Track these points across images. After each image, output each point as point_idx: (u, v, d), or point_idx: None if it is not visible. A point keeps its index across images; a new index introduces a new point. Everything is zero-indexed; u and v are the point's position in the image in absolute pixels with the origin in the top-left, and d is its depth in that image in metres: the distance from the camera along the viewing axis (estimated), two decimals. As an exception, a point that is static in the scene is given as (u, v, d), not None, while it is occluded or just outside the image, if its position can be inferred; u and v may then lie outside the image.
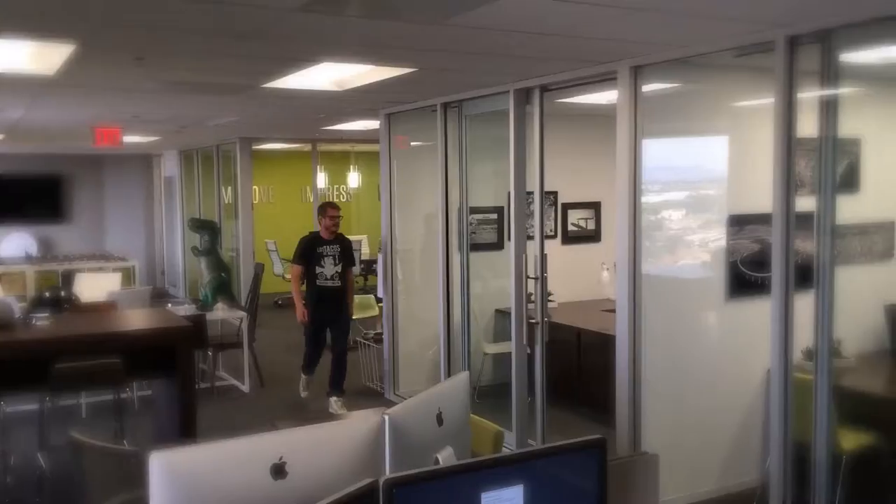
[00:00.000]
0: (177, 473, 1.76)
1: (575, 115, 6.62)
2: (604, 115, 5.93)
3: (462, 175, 5.89)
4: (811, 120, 3.49)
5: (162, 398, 5.02)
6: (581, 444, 1.91)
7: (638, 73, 4.03)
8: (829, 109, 3.44)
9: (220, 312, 7.41)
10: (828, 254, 3.50)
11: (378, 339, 7.16)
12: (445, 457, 2.26)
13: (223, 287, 7.77)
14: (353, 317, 8.71)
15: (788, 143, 3.41)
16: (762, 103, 3.71)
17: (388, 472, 1.98)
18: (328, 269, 6.25)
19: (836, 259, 3.54)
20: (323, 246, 6.29)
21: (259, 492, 1.87)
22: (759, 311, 3.71)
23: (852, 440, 4.11)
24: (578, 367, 6.35)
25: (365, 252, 12.62)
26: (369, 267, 12.13)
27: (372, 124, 7.61)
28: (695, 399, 4.58)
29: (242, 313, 7.35)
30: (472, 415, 2.78)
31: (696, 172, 4.83)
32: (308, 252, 6.30)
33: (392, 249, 6.84)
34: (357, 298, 8.99)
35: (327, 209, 6.36)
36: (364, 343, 7.38)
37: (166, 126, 8.24)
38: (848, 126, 4.86)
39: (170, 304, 7.41)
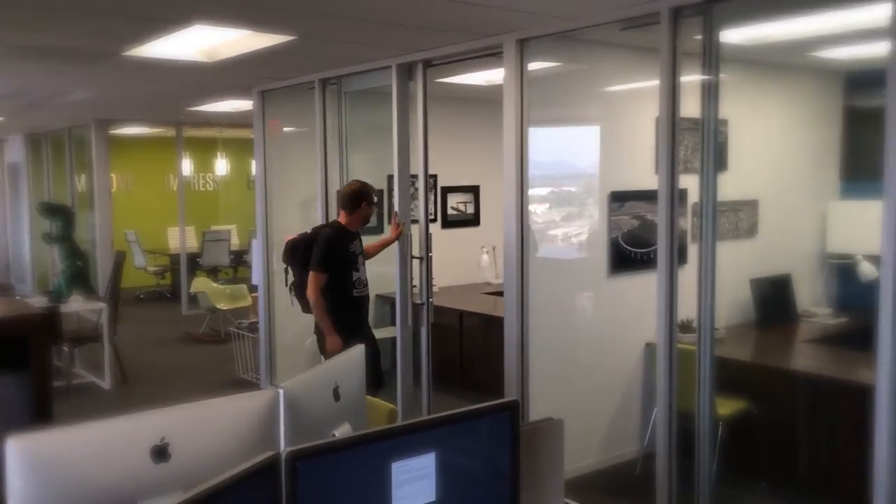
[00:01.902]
0: (40, 460, 1.52)
1: (455, 97, 6.57)
2: (484, 100, 5.93)
3: (342, 156, 5.70)
4: (693, 100, 3.57)
5: (10, 396, 4.54)
6: (494, 408, 1.81)
7: (524, 48, 4.00)
8: (710, 89, 3.53)
9: (77, 304, 6.85)
10: (710, 230, 3.59)
11: (253, 328, 6.85)
12: (343, 433, 2.11)
13: (79, 276, 7.16)
14: (224, 307, 8.35)
15: (673, 122, 3.46)
16: (642, 86, 3.77)
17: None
18: (363, 271, 4.65)
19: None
20: (354, 242, 4.63)
21: (138, 477, 1.66)
22: (639, 286, 3.78)
23: (727, 406, 4.29)
24: (461, 350, 6.32)
25: (234, 243, 12.14)
26: (240, 258, 11.67)
27: (243, 105, 7.26)
28: (578, 375, 4.64)
29: (102, 305, 6.82)
30: (369, 397, 2.64)
31: (579, 153, 4.88)
32: (339, 252, 4.52)
33: (268, 236, 6.54)
34: (228, 289, 8.61)
35: (370, 193, 4.70)
36: (238, 333, 7.04)
37: (11, 103, 7.51)
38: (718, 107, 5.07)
39: (17, 298, 6.77)
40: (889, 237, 2.74)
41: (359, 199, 4.60)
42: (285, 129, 6.66)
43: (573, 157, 4.94)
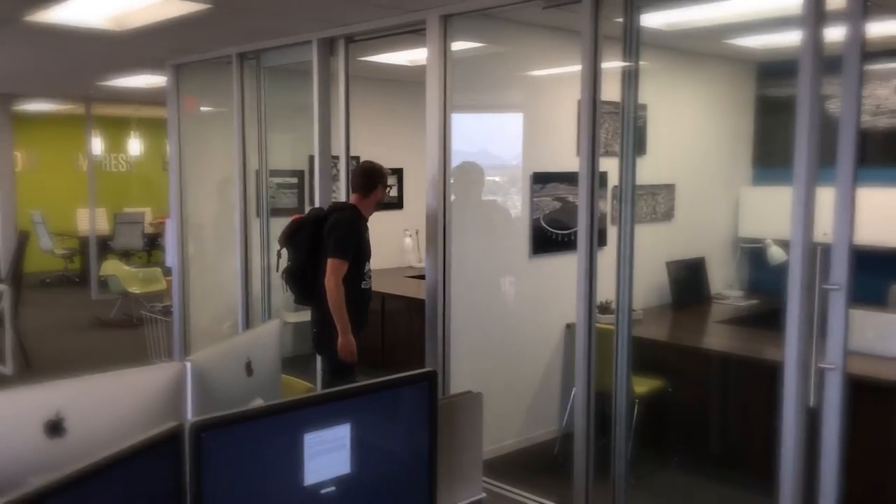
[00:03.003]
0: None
1: (379, 78, 6.48)
2: (408, 81, 5.86)
3: (261, 136, 5.54)
4: (614, 84, 3.60)
5: None
6: (411, 378, 1.77)
7: (448, 25, 3.95)
8: (630, 73, 3.56)
9: (-26, 286, 6.46)
10: (629, 213, 3.64)
11: (167, 312, 6.61)
12: (256, 408, 2.03)
13: (-23, 258, 6.76)
14: (137, 291, 8.05)
15: (594, 105, 3.48)
16: (566, 69, 3.78)
17: (192, 422, 1.71)
18: (370, 263, 4.10)
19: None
20: (366, 231, 4.09)
21: (30, 453, 1.55)
22: (561, 267, 3.80)
23: (644, 385, 4.37)
24: (383, 333, 6.26)
25: (149, 225, 11.71)
26: (154, 241, 11.27)
27: (156, 80, 6.97)
28: (500, 356, 4.64)
29: (2, 286, 6.46)
30: (284, 376, 2.56)
31: (503, 135, 4.87)
32: (359, 239, 4.00)
33: (182, 216, 6.31)
34: (141, 272, 8.30)
35: (385, 176, 4.13)
36: (151, 317, 6.78)
37: None
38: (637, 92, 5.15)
39: None
40: (797, 222, 2.83)
41: (374, 179, 4.03)
42: (202, 107, 6.43)
43: (497, 139, 4.92)
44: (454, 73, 4.03)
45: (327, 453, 1.61)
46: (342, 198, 4.80)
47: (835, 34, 2.75)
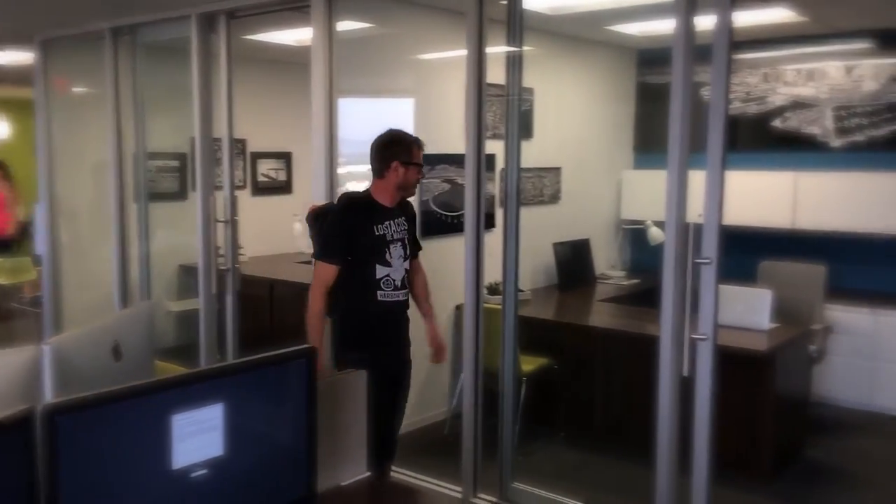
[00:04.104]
0: None
1: (265, 59, 6.30)
2: (296, 62, 5.72)
3: (138, 118, 5.27)
4: (502, 67, 3.63)
5: None
6: (288, 355, 1.72)
7: (333, 2, 3.87)
8: (515, 56, 3.60)
9: None
10: (514, 195, 3.68)
11: (36, 302, 6.23)
12: (125, 394, 1.92)
13: None
14: (4, 282, 7.54)
15: (479, 87, 3.49)
16: (455, 53, 3.77)
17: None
18: (397, 264, 3.17)
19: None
20: (387, 222, 3.16)
21: None
22: (450, 249, 3.81)
23: (531, 364, 4.46)
24: (272, 320, 6.12)
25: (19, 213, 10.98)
26: (24, 230, 10.59)
27: (23, 58, 6.52)
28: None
29: None
30: (157, 361, 2.45)
31: (392, 116, 4.82)
32: (357, 234, 3.11)
33: (53, 200, 5.95)
34: (8, 261, 7.78)
35: (413, 148, 3.21)
36: (20, 309, 6.38)
37: None
38: (525, 77, 5.23)
39: None
40: (671, 203, 2.94)
41: (388, 154, 3.10)
42: (75, 87, 6.07)
43: (386, 120, 4.87)
44: (341, 54, 3.96)
45: (198, 435, 1.54)
46: (225, 181, 4.63)
47: (706, 23, 2.86)
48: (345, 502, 1.96)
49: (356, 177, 4.78)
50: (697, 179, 2.85)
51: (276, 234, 6.80)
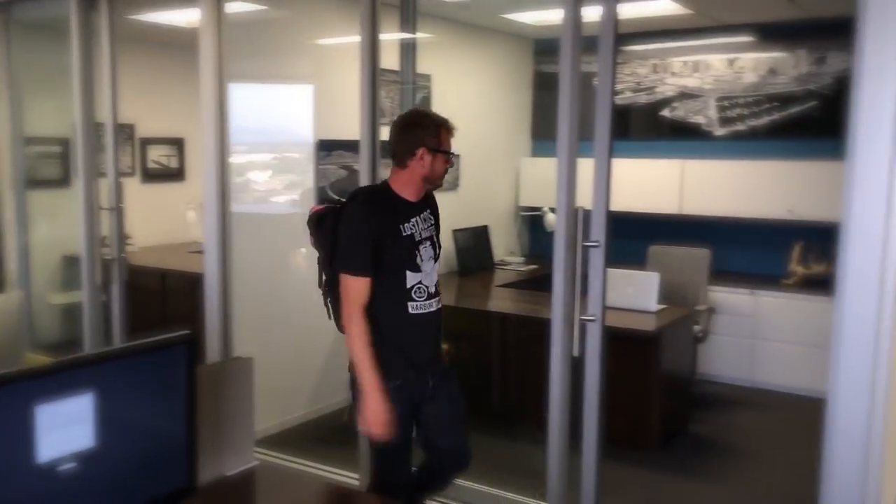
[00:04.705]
0: None
1: (154, 40, 6.05)
2: (187, 45, 5.51)
3: (14, 98, 4.97)
4: (391, 54, 3.61)
5: None
6: (166, 342, 1.66)
7: (220, -17, 3.76)
8: (409, 42, 3.59)
9: None
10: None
11: None
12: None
13: None
14: None
15: (373, 73, 3.47)
16: (351, 39, 3.72)
17: None
18: (428, 268, 2.64)
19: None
20: (413, 217, 2.62)
21: None
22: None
23: (430, 349, 4.48)
24: (164, 312, 5.91)
25: None
26: None
27: None
28: (291, 330, 4.55)
29: None
30: (30, 354, 2.32)
31: (289, 103, 4.73)
32: (383, 235, 2.55)
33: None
34: None
35: (441, 132, 2.64)
36: None
37: None
38: (421, 63, 5.22)
39: None
40: (561, 189, 3.00)
41: (412, 139, 2.57)
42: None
43: (284, 108, 4.78)
44: (233, 37, 3.84)
45: (66, 427, 1.47)
46: (109, 167, 4.41)
47: (595, 14, 2.93)
48: (230, 493, 1.91)
49: (258, 166, 4.67)
50: (589, 166, 2.93)
51: (169, 222, 6.57)
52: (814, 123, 5.46)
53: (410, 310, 2.58)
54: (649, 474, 4.00)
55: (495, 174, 6.29)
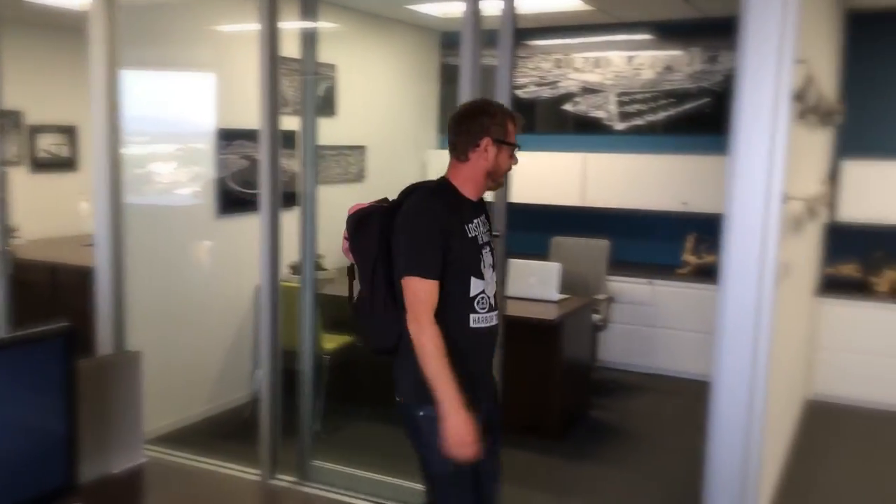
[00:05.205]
0: None
1: (44, 24, 5.75)
2: (80, 29, 5.26)
3: None
4: (294, 43, 3.55)
5: None
6: (40, 335, 1.59)
7: (111, -37, 3.61)
8: (309, 31, 3.54)
9: None
10: (311, 172, 3.63)
11: None
12: None
13: None
14: None
15: (273, 61, 3.41)
16: (249, 28, 3.65)
17: None
18: (489, 276, 2.33)
19: (317, 178, 3.70)
20: (475, 218, 2.34)
21: None
22: (250, 227, 3.69)
23: (334, 342, 4.45)
24: (54, 307, 5.65)
25: None
26: None
27: None
28: (189, 324, 4.43)
29: None
30: None
31: (188, 91, 4.58)
32: (452, 236, 2.23)
33: None
34: None
35: (508, 123, 2.33)
36: None
37: None
38: (326, 53, 5.16)
39: None
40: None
41: (476, 129, 2.28)
42: None
43: (182, 96, 4.62)
44: (128, 22, 3.70)
45: (-72, 427, 1.39)
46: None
47: (496, 7, 2.97)
48: (114, 491, 1.85)
49: (161, 157, 4.51)
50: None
51: (60, 214, 6.27)
52: (707, 119, 5.70)
53: (472, 322, 2.27)
54: (550, 460, 4.09)
55: (402, 166, 6.29)
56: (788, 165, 2.71)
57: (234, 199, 4.60)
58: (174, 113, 4.49)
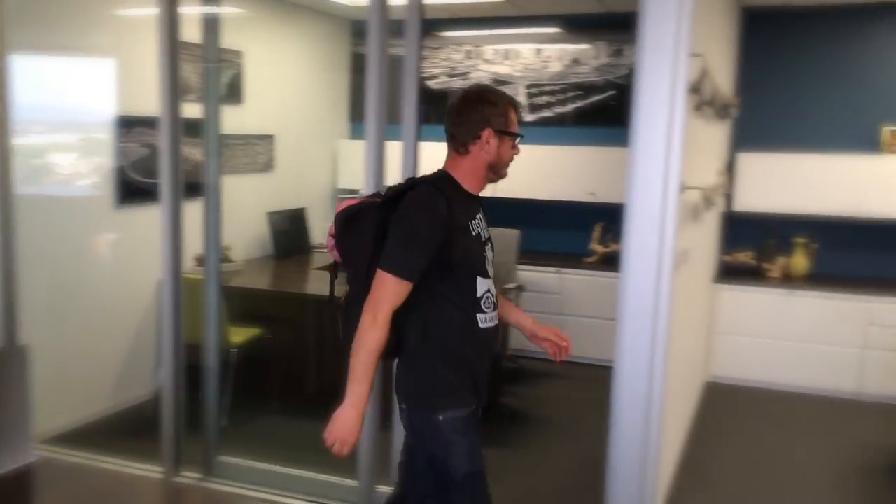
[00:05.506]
0: None
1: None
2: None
3: None
4: (197, 28, 3.44)
5: None
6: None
7: (-5, -62, 3.40)
8: (210, 16, 3.44)
9: None
10: (215, 161, 3.53)
11: None
12: None
13: None
14: None
15: (172, 46, 3.29)
16: (148, 12, 3.52)
17: None
18: (492, 274, 2.28)
19: (223, 168, 3.60)
20: (478, 214, 2.28)
21: None
22: (153, 218, 3.56)
23: (241, 335, 4.36)
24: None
25: None
26: None
27: None
28: (86, 319, 4.25)
29: None
30: None
31: (85, 76, 4.36)
32: (451, 233, 2.11)
33: None
34: None
35: (510, 111, 2.23)
36: None
37: None
38: (231, 39, 5.03)
39: None
40: (370, 172, 3.02)
41: (476, 119, 2.17)
42: None
43: (81, 83, 4.40)
44: (15, 4, 3.50)
45: None
46: None
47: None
48: (1, 491, 1.76)
49: (61, 148, 4.28)
50: (422, 149, 2.96)
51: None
52: (612, 112, 5.85)
53: (480, 323, 2.17)
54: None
55: (312, 156, 6.21)
56: (686, 156, 2.81)
57: (134, 188, 4.43)
58: (71, 100, 4.28)
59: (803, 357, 5.20)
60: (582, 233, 5.87)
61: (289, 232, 5.67)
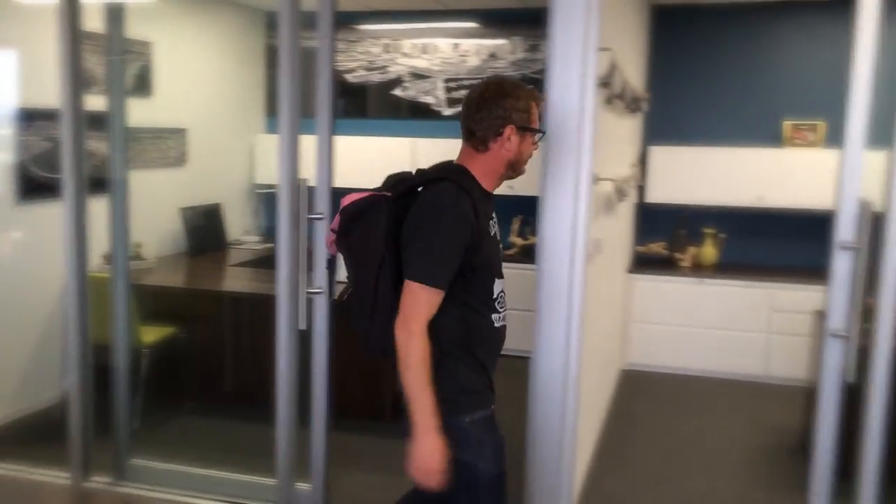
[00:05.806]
0: None
1: None
2: None
3: None
4: (100, 17, 3.32)
5: None
6: None
7: None
8: (115, 9, 3.32)
9: None
10: (121, 156, 3.42)
11: None
12: None
13: None
14: None
15: (73, 36, 3.16)
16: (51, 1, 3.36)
17: None
18: (503, 275, 2.21)
19: (131, 163, 3.48)
20: (492, 216, 2.17)
21: None
22: (59, 215, 3.41)
23: (153, 334, 4.23)
24: None
25: None
26: None
27: None
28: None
29: None
30: None
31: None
32: (481, 234, 2.02)
33: None
34: None
35: (532, 106, 2.14)
36: None
37: None
38: (139, 30, 4.87)
39: None
40: (284, 165, 2.97)
41: (499, 114, 2.07)
42: None
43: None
44: None
45: None
46: None
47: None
48: None
49: None
50: (341, 143, 2.92)
51: None
52: (530, 106, 5.92)
53: (495, 323, 2.12)
54: (382, 442, 4.11)
55: (227, 150, 6.07)
56: (597, 148, 2.88)
57: (36, 184, 4.24)
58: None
59: (713, 343, 5.40)
60: (502, 226, 5.88)
61: (204, 228, 5.53)
